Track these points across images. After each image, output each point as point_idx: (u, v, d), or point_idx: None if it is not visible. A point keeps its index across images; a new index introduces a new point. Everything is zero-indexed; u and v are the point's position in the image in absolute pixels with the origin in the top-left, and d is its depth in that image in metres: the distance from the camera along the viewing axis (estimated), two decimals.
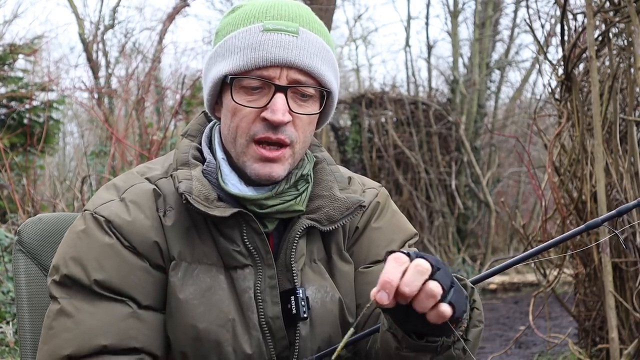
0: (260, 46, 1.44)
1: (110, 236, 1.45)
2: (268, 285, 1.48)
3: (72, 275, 1.43)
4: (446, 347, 1.28)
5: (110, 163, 6.84)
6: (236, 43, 1.46)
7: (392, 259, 1.19)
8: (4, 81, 8.67)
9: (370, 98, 10.18)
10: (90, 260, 1.44)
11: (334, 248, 1.56)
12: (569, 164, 4.23)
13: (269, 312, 1.47)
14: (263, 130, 1.45)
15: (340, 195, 1.53)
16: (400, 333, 1.28)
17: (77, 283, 1.43)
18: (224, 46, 1.48)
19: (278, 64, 1.43)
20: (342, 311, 1.53)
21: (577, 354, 4.27)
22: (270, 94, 1.45)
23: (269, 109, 1.44)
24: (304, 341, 1.48)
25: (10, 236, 5.46)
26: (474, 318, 1.32)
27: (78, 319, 1.41)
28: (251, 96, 1.46)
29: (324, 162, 1.60)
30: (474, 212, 10.33)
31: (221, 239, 1.47)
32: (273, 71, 1.44)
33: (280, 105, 1.43)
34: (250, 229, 1.47)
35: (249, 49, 1.44)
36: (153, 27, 13.22)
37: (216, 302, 1.46)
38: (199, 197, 1.44)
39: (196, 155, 1.54)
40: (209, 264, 1.47)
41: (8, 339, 4.84)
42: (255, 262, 1.48)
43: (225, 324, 1.45)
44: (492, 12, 11.02)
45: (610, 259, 3.81)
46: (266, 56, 1.43)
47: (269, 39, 1.44)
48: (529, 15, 10.26)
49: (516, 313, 7.74)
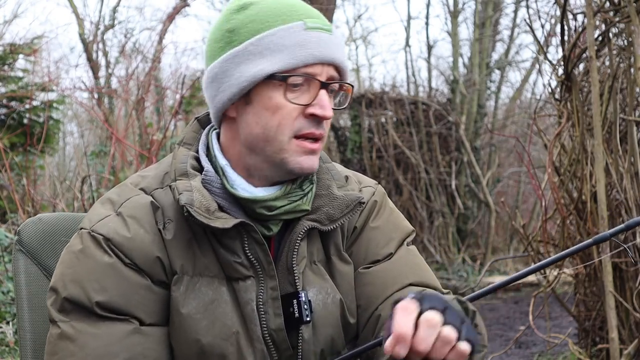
0: (307, 44, 1.45)
1: (110, 255, 1.41)
2: (270, 297, 1.46)
3: (72, 298, 1.40)
4: None
5: (110, 163, 6.85)
6: (279, 41, 1.45)
7: (401, 309, 1.20)
8: (4, 81, 8.67)
9: (370, 98, 10.17)
10: (90, 281, 1.40)
11: (332, 249, 1.55)
12: (569, 164, 4.23)
13: (271, 324, 1.46)
14: (308, 126, 1.47)
15: (339, 194, 1.53)
16: None
17: (77, 305, 1.40)
18: (260, 44, 1.46)
19: (322, 61, 1.46)
20: (343, 312, 1.52)
21: (577, 354, 4.26)
22: (311, 90, 1.47)
23: (316, 105, 1.46)
24: (307, 344, 1.47)
25: (10, 236, 5.46)
26: (477, 344, 1.30)
27: (81, 342, 1.38)
28: (294, 93, 1.46)
29: (319, 160, 1.60)
30: (474, 212, 10.33)
31: (222, 250, 1.45)
32: (317, 68, 1.47)
33: (327, 101, 1.47)
34: (252, 240, 1.45)
35: (296, 46, 1.45)
36: (153, 27, 13.23)
37: (219, 316, 1.44)
38: (200, 209, 1.42)
39: (194, 164, 1.51)
40: (211, 277, 1.45)
41: (8, 339, 4.84)
42: (257, 273, 1.46)
43: (229, 337, 1.44)
44: (492, 12, 11.02)
45: (610, 259, 3.80)
46: (313, 53, 1.45)
47: (313, 36, 1.46)
48: (529, 15, 10.27)
49: (516, 313, 7.73)
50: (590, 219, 3.97)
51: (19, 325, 1.63)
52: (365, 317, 1.53)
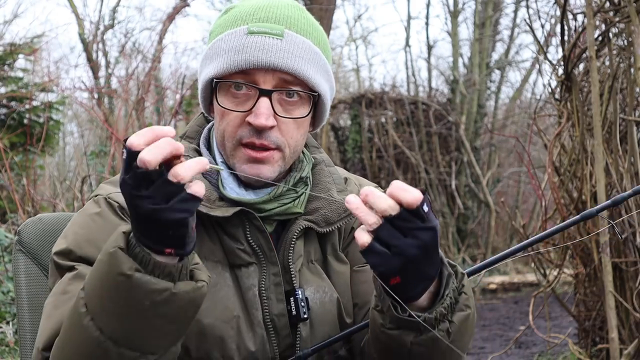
0: (243, 49, 1.42)
1: (125, 221, 1.42)
2: (272, 283, 1.48)
3: (88, 257, 1.39)
4: (430, 325, 1.26)
5: (110, 163, 6.85)
6: (222, 46, 1.45)
7: None
8: (4, 81, 8.67)
9: (370, 98, 10.18)
10: (105, 242, 1.37)
11: (329, 249, 1.56)
12: (569, 164, 4.23)
13: (273, 309, 1.47)
14: (248, 135, 1.43)
15: (337, 197, 1.53)
16: (386, 304, 1.27)
17: (92, 264, 1.37)
18: (212, 49, 1.48)
19: (261, 66, 1.42)
20: (340, 311, 1.53)
21: (577, 354, 4.27)
22: (255, 98, 1.43)
23: (252, 113, 1.43)
24: (304, 342, 1.48)
25: (10, 236, 5.46)
26: (460, 302, 1.31)
27: None
28: (237, 99, 1.45)
29: (322, 163, 1.60)
30: (474, 212, 10.33)
31: (225, 237, 1.47)
32: (257, 75, 1.43)
33: (264, 109, 1.41)
34: (254, 227, 1.47)
35: (232, 51, 1.43)
36: (153, 27, 13.24)
37: (221, 299, 1.45)
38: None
39: (195, 157, 1.52)
40: (215, 261, 1.47)
41: (8, 339, 4.85)
42: (259, 259, 1.48)
43: (229, 321, 1.45)
44: (492, 12, 11.03)
45: (610, 259, 3.81)
46: (249, 59, 1.42)
47: (252, 41, 1.42)
48: (529, 15, 10.28)
49: (516, 313, 7.74)
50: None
51: (19, 325, 1.63)
52: (361, 315, 1.53)
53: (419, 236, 1.18)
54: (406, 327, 1.28)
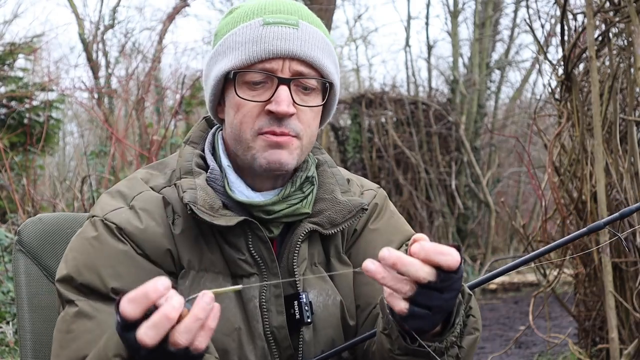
0: (262, 39, 1.43)
1: (124, 243, 1.42)
2: (273, 295, 1.47)
3: (88, 284, 1.40)
4: (440, 353, 1.25)
5: (110, 163, 6.84)
6: (237, 39, 1.45)
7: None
8: (4, 81, 8.67)
9: (370, 98, 10.17)
10: (105, 267, 1.40)
11: (332, 251, 1.56)
12: (569, 164, 4.23)
13: (273, 321, 1.46)
14: (268, 124, 1.44)
15: (342, 199, 1.53)
16: (395, 333, 1.27)
17: (93, 291, 1.40)
18: (224, 44, 1.48)
19: (280, 55, 1.43)
20: (343, 314, 1.52)
21: (577, 354, 4.27)
22: (273, 87, 1.44)
23: (273, 101, 1.43)
24: (307, 346, 1.48)
25: (10, 236, 5.46)
26: (469, 325, 1.30)
27: (99, 319, 1.38)
28: (255, 91, 1.45)
29: (325, 164, 1.60)
30: (474, 212, 10.33)
31: (227, 247, 1.46)
32: (275, 64, 1.43)
33: (284, 96, 1.42)
34: (256, 237, 1.46)
35: (250, 42, 1.44)
36: (153, 27, 13.24)
37: (222, 311, 1.43)
38: (203, 207, 1.42)
39: (199, 163, 1.52)
40: (216, 272, 1.46)
41: (8, 339, 4.84)
42: (261, 270, 1.47)
43: (231, 333, 1.44)
44: (492, 12, 11.02)
45: (610, 259, 3.81)
46: (268, 48, 1.43)
47: (270, 31, 1.43)
48: (529, 15, 10.28)
49: (516, 313, 7.74)
50: (590, 219, 3.97)
51: (19, 325, 1.63)
52: (363, 317, 1.53)
53: (456, 287, 1.17)
54: (416, 355, 1.27)
